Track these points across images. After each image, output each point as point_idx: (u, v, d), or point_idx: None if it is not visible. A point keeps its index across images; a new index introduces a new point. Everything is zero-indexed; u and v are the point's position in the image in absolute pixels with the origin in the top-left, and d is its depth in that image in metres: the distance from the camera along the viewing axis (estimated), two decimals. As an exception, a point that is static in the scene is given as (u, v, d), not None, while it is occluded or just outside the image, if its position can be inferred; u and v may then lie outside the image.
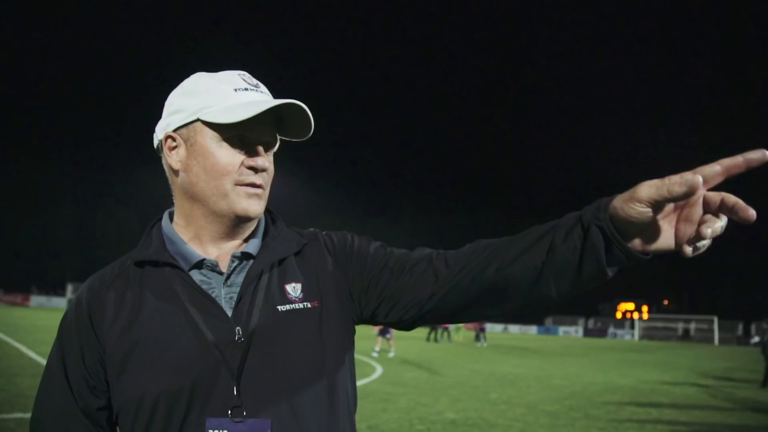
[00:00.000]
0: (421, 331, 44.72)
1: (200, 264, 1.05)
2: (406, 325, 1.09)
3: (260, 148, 1.04)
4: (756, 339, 14.21)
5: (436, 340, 30.38)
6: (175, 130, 1.05)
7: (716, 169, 0.74)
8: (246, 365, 0.98)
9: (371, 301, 1.09)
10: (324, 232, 1.20)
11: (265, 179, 1.06)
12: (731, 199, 0.75)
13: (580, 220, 0.89)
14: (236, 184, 1.02)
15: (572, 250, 0.88)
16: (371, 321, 1.13)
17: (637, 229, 0.81)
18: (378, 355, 17.30)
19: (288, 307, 1.04)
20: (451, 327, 31.90)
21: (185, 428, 0.96)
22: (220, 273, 1.05)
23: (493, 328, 57.17)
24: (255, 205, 1.04)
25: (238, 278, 1.05)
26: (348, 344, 1.10)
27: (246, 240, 1.10)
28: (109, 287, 1.06)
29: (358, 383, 10.68)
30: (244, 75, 1.07)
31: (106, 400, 1.04)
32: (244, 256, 1.07)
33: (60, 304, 51.76)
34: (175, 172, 1.06)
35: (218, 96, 1.02)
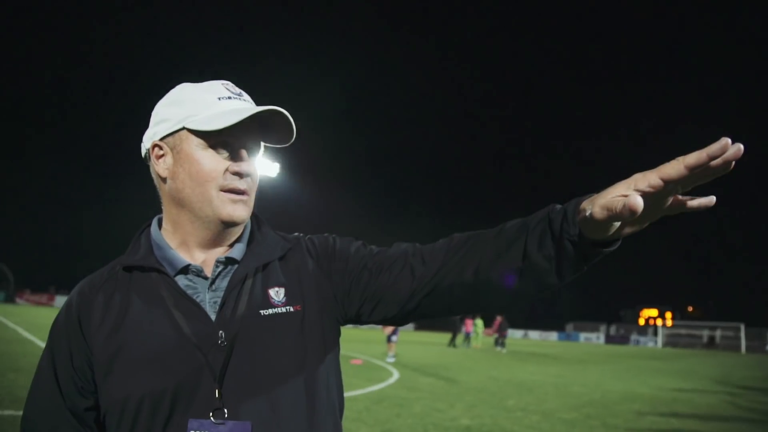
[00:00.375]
0: (440, 337, 44.49)
1: (186, 269, 1.08)
2: (394, 323, 1.12)
3: (244, 154, 1.07)
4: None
5: (454, 345, 30.21)
6: (161, 139, 1.08)
7: (679, 168, 0.75)
8: (228, 368, 1.01)
9: (354, 301, 1.12)
10: (307, 237, 1.22)
11: (250, 184, 1.09)
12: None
13: (549, 227, 0.92)
14: (221, 190, 1.05)
15: (548, 259, 0.92)
16: (357, 320, 1.15)
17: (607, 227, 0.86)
18: (394, 360, 17.24)
19: (271, 311, 1.07)
20: (471, 332, 31.73)
21: (168, 429, 0.98)
22: (205, 278, 1.08)
23: (513, 335, 56.67)
24: (240, 211, 1.07)
25: (223, 283, 1.08)
26: (331, 347, 1.13)
27: (231, 245, 1.12)
28: (98, 291, 1.09)
29: (374, 388, 10.67)
30: (227, 84, 1.11)
31: (94, 400, 1.06)
32: (229, 261, 1.10)
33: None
34: (163, 180, 1.09)
35: (202, 105, 1.05)
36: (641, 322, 75.89)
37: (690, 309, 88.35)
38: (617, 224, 0.84)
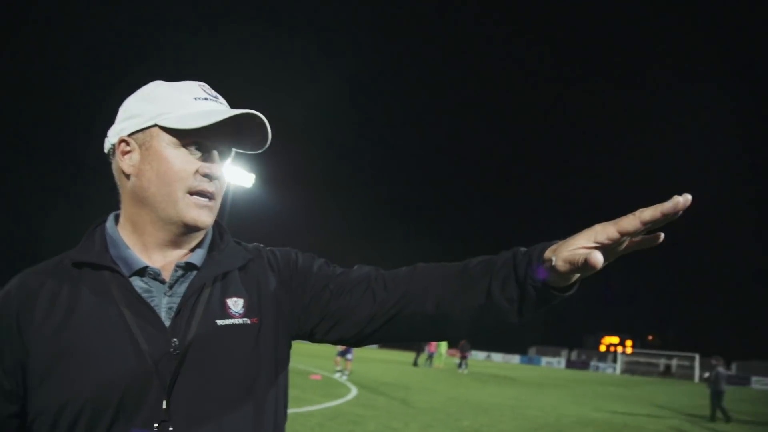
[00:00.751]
0: (402, 355, 44.25)
1: (142, 271, 1.04)
2: (349, 344, 1.15)
3: (215, 156, 1.06)
4: (707, 374, 14.99)
5: (416, 364, 30.24)
6: (130, 135, 1.05)
7: (636, 223, 0.83)
8: (178, 379, 0.97)
9: (311, 318, 1.13)
10: (268, 249, 1.21)
11: (218, 187, 1.07)
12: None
13: (515, 272, 0.98)
14: (188, 192, 1.03)
15: (510, 301, 0.99)
16: (310, 337, 1.16)
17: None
18: (341, 376, 17.13)
19: (227, 321, 1.04)
20: (435, 352, 31.83)
21: None
22: (162, 281, 1.04)
23: (475, 356, 56.77)
24: (205, 216, 1.05)
25: (180, 289, 1.05)
26: (282, 362, 1.12)
27: (192, 250, 1.09)
28: (43, 285, 1.02)
29: (331, 404, 10.64)
30: (203, 86, 1.09)
31: (20, 407, 0.99)
32: (189, 266, 1.07)
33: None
34: (126, 176, 1.05)
35: (177, 103, 1.03)
36: (602, 348, 77.07)
37: (650, 338, 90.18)
38: (578, 274, 0.92)
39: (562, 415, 12.46)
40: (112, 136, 1.08)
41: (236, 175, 26.50)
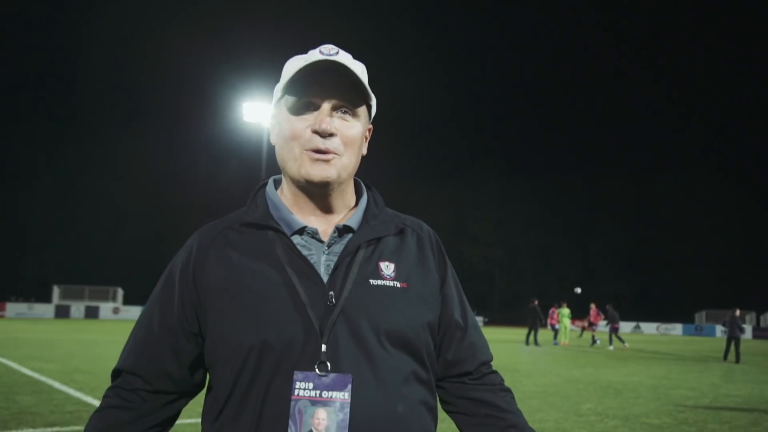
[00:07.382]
0: (514, 333, 43.63)
1: (301, 231, 1.44)
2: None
3: (325, 113, 1.40)
4: None
5: (528, 343, 30.60)
6: (273, 112, 1.52)
7: None
8: (335, 328, 1.34)
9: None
10: (432, 230, 1.64)
11: (335, 144, 1.40)
12: None
13: None
14: (305, 149, 1.40)
15: None
16: None
17: None
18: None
19: (380, 282, 1.43)
20: (557, 325, 32.80)
21: (275, 378, 1.32)
22: (321, 241, 1.44)
23: (622, 329, 53.27)
24: (318, 170, 1.39)
25: (337, 248, 1.44)
26: (432, 323, 1.51)
27: (346, 216, 1.50)
28: (212, 244, 1.45)
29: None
30: (324, 47, 1.44)
31: (195, 345, 1.44)
32: (345, 229, 1.46)
33: (46, 311, 52.05)
34: (274, 147, 1.49)
35: (292, 70, 1.41)
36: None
37: None
38: None
39: (724, 395, 12.51)
40: (268, 118, 1.55)
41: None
